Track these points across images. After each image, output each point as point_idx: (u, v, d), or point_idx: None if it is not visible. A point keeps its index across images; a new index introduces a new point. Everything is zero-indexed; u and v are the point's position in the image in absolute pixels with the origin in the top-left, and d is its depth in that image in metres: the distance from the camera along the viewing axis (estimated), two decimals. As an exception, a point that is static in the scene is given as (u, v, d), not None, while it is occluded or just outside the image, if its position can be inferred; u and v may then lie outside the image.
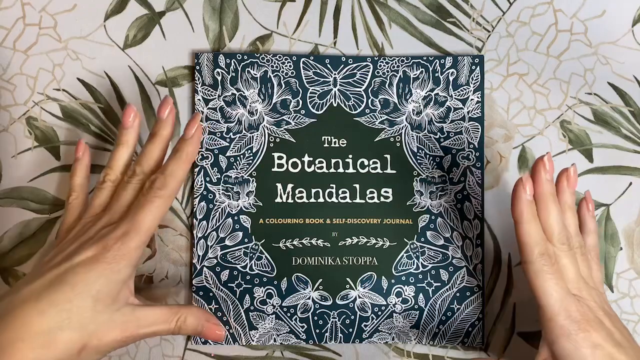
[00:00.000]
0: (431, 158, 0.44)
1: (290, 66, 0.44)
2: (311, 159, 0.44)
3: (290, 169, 0.44)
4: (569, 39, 0.45)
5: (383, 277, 0.44)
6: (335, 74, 0.44)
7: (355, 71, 0.44)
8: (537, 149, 0.45)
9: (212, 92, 0.44)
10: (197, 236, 0.43)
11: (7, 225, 0.44)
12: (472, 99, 0.44)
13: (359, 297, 0.44)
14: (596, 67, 0.45)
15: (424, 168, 0.44)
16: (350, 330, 0.43)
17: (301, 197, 0.44)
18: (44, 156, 0.44)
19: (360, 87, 0.44)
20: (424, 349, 0.44)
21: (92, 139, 0.44)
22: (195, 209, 0.44)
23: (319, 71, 0.44)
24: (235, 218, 0.44)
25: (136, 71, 0.45)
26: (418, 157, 0.44)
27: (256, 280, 0.43)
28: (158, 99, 0.44)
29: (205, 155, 0.44)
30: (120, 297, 0.36)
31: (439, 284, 0.44)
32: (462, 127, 0.44)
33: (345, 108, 0.44)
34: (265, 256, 0.43)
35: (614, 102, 0.45)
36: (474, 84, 0.44)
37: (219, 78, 0.44)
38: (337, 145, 0.44)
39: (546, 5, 0.46)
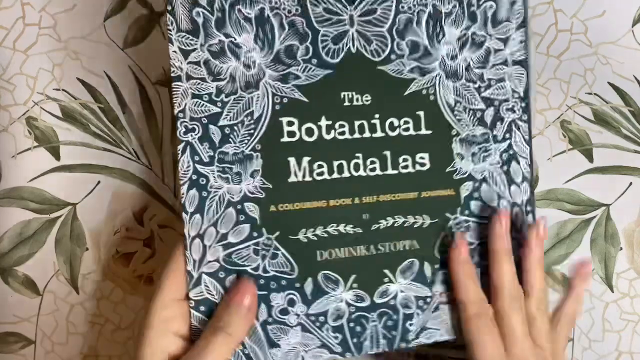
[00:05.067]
0: (471, 112, 0.37)
1: (294, 1, 0.34)
2: (330, 122, 0.35)
3: (305, 138, 0.35)
4: (569, 39, 0.45)
5: (426, 263, 0.37)
6: (351, 10, 0.35)
7: (375, 6, 0.35)
8: (537, 148, 0.45)
9: (191, 40, 0.33)
10: (189, 235, 0.33)
11: (7, 225, 0.44)
12: (514, 38, 0.37)
13: (401, 291, 0.36)
14: (596, 67, 0.45)
15: (463, 125, 0.37)
16: (394, 333, 0.36)
17: (321, 173, 0.35)
18: (44, 156, 0.44)
19: (383, 27, 0.35)
20: (423, 349, 0.44)
21: (91, 139, 0.44)
22: (183, 200, 0.33)
23: (330, 7, 0.35)
24: (239, 207, 0.34)
25: (136, 71, 0.45)
26: (456, 113, 0.37)
27: (273, 285, 0.34)
28: (158, 99, 0.44)
29: (190, 127, 0.33)
30: None
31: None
32: (505, 72, 0.37)
33: (367, 54, 0.35)
34: (282, 253, 0.34)
35: (614, 102, 0.45)
36: (517, 19, 0.37)
37: (200, 20, 0.33)
38: (360, 102, 0.35)
39: (546, 5, 0.46)
